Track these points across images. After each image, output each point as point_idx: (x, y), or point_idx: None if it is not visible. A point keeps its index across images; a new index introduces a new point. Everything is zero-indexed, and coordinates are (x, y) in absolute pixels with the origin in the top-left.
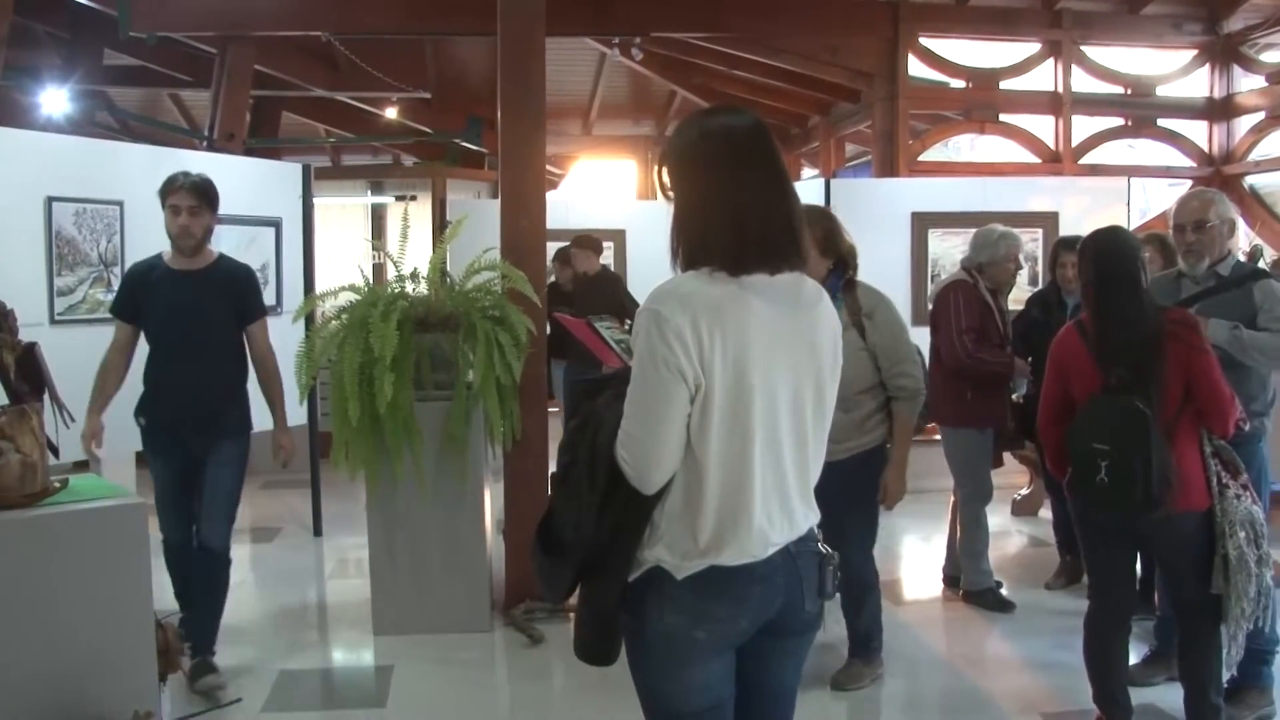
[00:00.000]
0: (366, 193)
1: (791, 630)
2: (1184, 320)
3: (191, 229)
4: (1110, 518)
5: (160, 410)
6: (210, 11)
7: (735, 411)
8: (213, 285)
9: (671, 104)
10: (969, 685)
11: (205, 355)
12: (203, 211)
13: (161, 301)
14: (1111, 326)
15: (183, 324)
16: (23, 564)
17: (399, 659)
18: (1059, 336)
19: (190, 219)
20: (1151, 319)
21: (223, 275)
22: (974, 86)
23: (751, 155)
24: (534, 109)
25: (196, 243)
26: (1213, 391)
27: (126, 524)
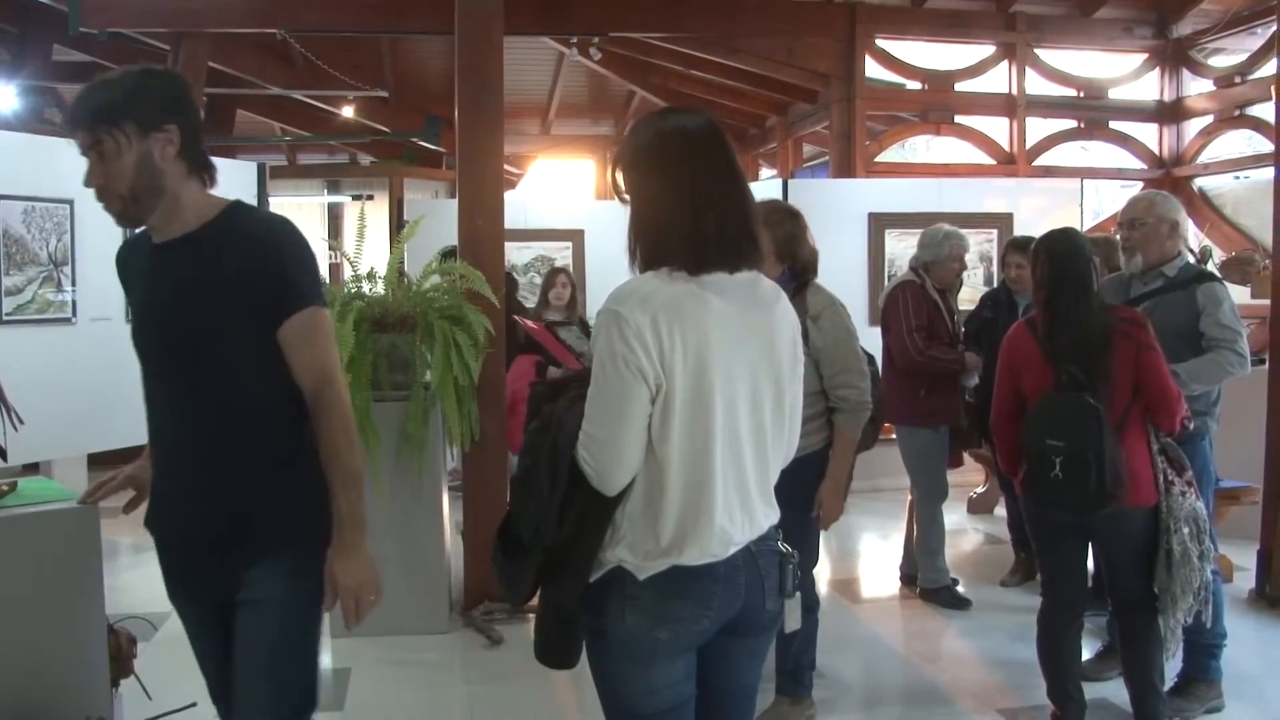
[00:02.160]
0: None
1: (752, 629)
2: (1133, 319)
3: (108, 184)
4: (1061, 514)
5: (153, 513)
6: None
7: (696, 411)
8: (206, 263)
9: (630, 104)
10: (926, 681)
11: (201, 398)
12: (109, 143)
13: (135, 301)
14: (1062, 325)
15: (157, 337)
16: None
17: (356, 661)
18: (1010, 334)
19: (98, 165)
20: (1101, 317)
21: (228, 241)
22: (930, 88)
23: (706, 155)
24: (492, 108)
25: (125, 202)
26: (1161, 388)
27: (78, 527)
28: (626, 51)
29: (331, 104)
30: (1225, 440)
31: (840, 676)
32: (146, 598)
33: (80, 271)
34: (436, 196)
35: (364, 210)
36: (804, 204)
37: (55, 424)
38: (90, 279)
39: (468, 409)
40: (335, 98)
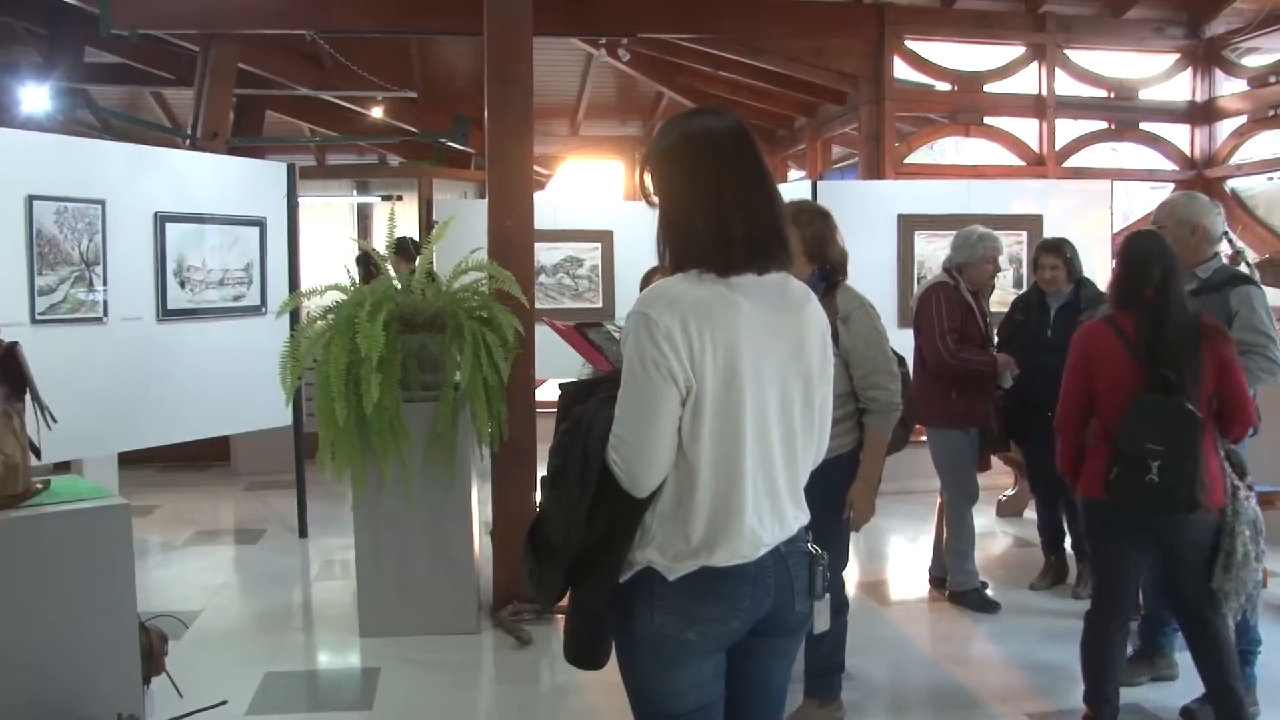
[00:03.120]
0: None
1: (781, 630)
2: (1216, 324)
3: None
4: (1135, 517)
5: None
6: (193, 8)
7: (726, 413)
8: None
9: (658, 105)
10: (955, 684)
11: None
12: None
13: None
14: (1168, 325)
15: None
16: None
17: (385, 661)
18: (1088, 332)
19: None
20: (1193, 321)
21: None
22: (959, 89)
23: (734, 157)
24: (521, 109)
25: None
26: (1241, 396)
27: (110, 525)
28: (655, 52)
29: (360, 105)
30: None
31: (869, 678)
32: (177, 596)
33: (111, 271)
34: (465, 197)
35: (394, 211)
36: (833, 205)
37: (86, 423)
38: (121, 279)
39: (497, 409)
40: (364, 98)
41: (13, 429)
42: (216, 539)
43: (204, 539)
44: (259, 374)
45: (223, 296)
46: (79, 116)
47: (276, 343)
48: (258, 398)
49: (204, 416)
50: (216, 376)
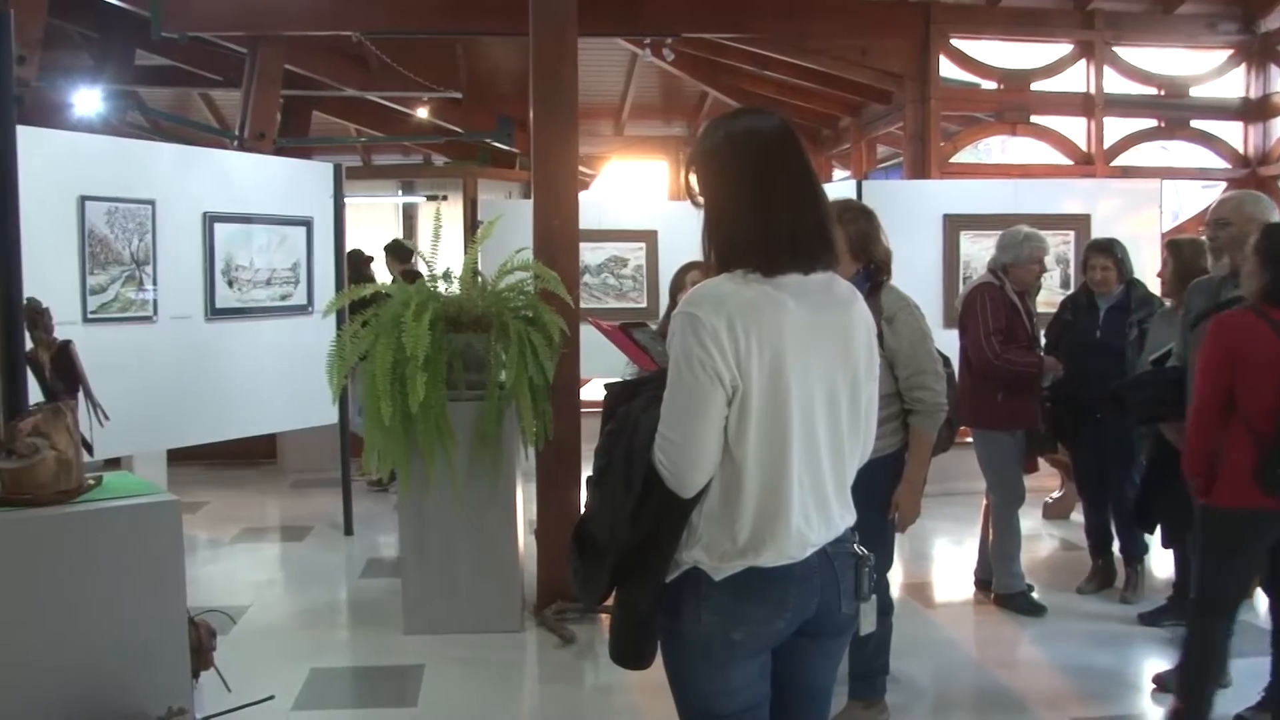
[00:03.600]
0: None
1: (827, 631)
2: None
3: None
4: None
5: None
6: (240, 11)
7: (772, 413)
8: None
9: (703, 105)
10: (1000, 688)
11: None
12: None
13: None
14: None
15: None
16: (58, 560)
17: (430, 659)
18: (1234, 324)
19: None
20: None
21: None
22: (1005, 88)
23: (778, 156)
24: (566, 109)
25: None
26: None
27: (160, 521)
28: (699, 52)
29: (406, 105)
30: None
31: (913, 681)
32: (224, 591)
33: (161, 271)
34: (510, 197)
35: (440, 210)
36: (878, 205)
37: (136, 420)
38: (170, 278)
39: (542, 409)
40: (409, 99)
41: (65, 425)
42: (263, 536)
43: (251, 536)
44: (305, 373)
45: (270, 296)
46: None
47: (323, 342)
48: (304, 396)
49: (251, 414)
50: (264, 375)
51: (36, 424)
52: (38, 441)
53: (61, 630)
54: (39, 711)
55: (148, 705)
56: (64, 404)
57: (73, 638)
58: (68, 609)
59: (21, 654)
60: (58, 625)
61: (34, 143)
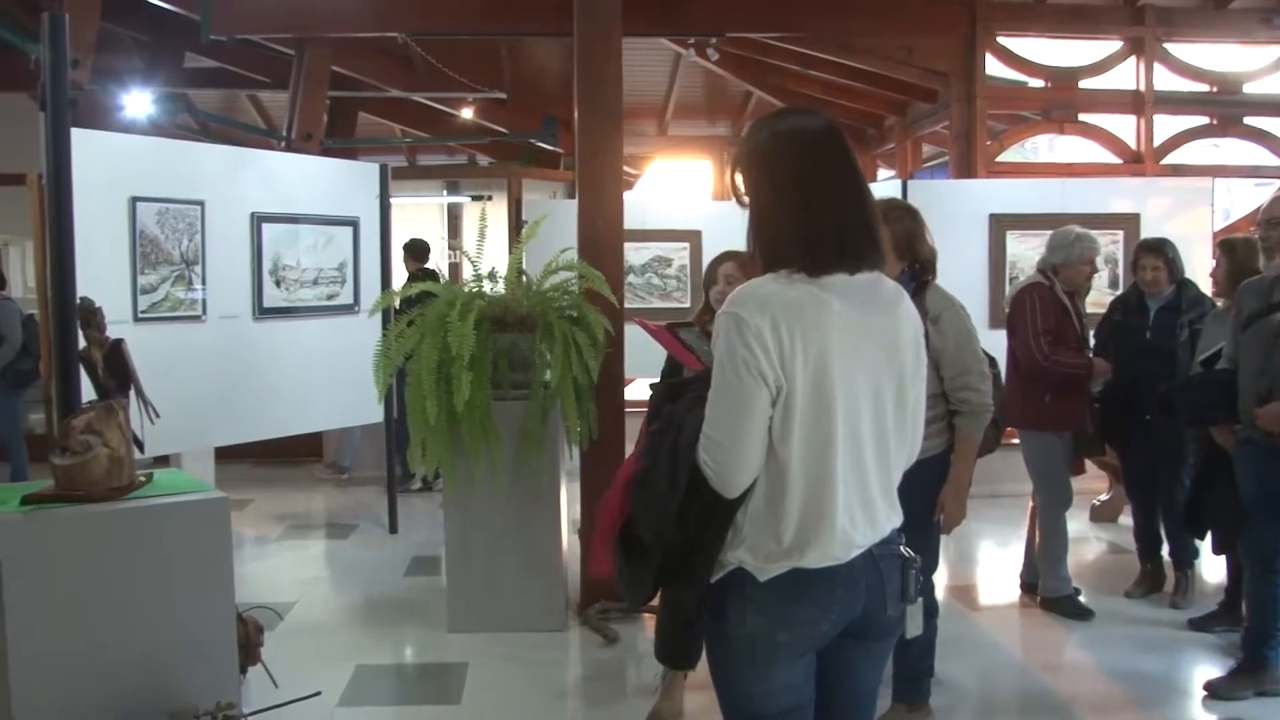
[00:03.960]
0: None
1: (873, 633)
2: None
3: None
4: None
5: None
6: (288, 13)
7: (817, 413)
8: None
9: (747, 104)
10: (1046, 692)
11: None
12: None
13: None
14: None
15: None
16: (110, 555)
17: (473, 656)
18: None
19: None
20: None
21: None
22: (1053, 86)
23: (823, 156)
24: (611, 109)
25: None
26: None
27: (210, 518)
28: (744, 52)
29: (451, 106)
30: None
31: (958, 684)
32: (271, 588)
33: (210, 270)
34: (554, 197)
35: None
36: (924, 205)
37: (186, 418)
38: (219, 278)
39: (586, 408)
40: (454, 100)
41: (118, 423)
42: (309, 533)
43: (297, 533)
44: (352, 371)
45: (317, 295)
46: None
47: (369, 341)
48: (351, 395)
49: (298, 412)
50: (310, 374)
51: (89, 421)
52: (91, 439)
53: (113, 624)
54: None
55: (197, 699)
56: (116, 402)
57: (124, 632)
58: (119, 603)
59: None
60: (109, 619)
61: (87, 145)
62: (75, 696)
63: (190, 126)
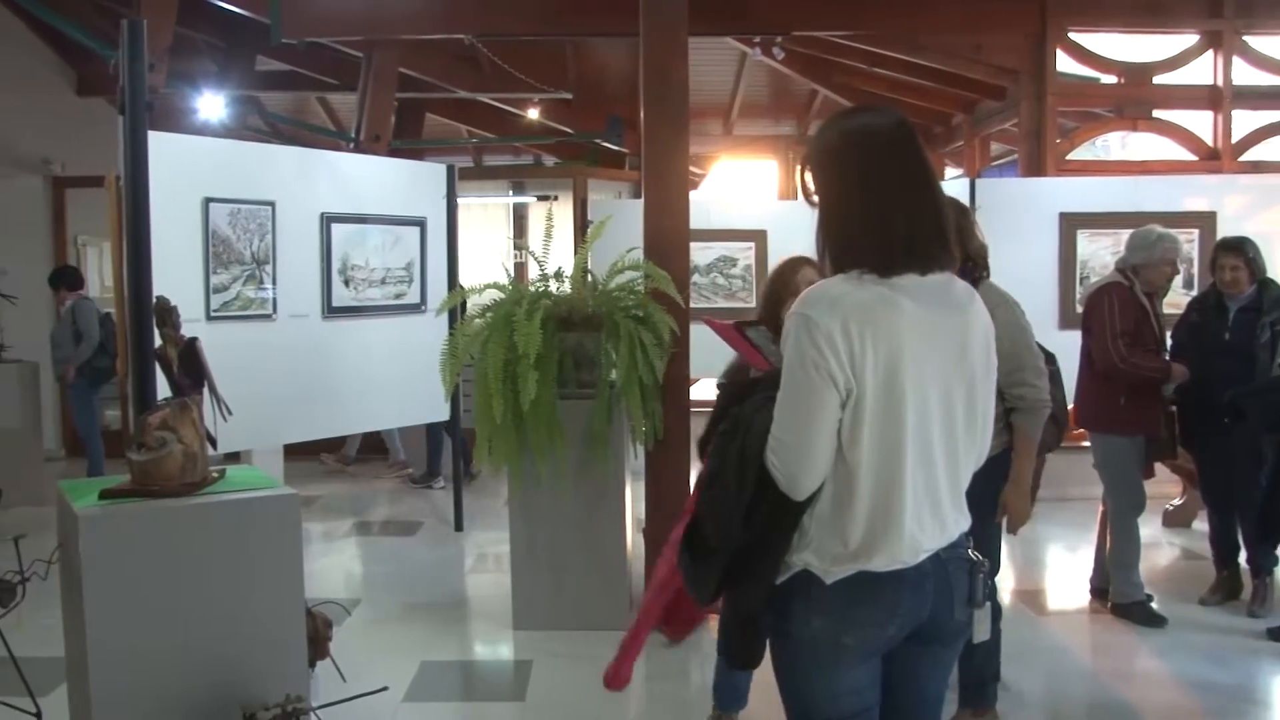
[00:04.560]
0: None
1: (940, 638)
2: None
3: None
4: None
5: None
6: (357, 16)
7: (887, 416)
8: None
9: (813, 103)
10: (1116, 700)
11: None
12: None
13: None
14: None
15: None
16: (184, 549)
17: (538, 654)
18: None
19: None
20: None
21: None
22: (1126, 82)
23: (894, 155)
24: (677, 109)
25: None
26: None
27: (281, 513)
28: (809, 50)
29: (516, 106)
30: None
31: (1025, 689)
32: (338, 584)
33: (280, 270)
34: (619, 196)
35: (551, 210)
36: (992, 204)
37: (256, 415)
38: (289, 277)
39: (652, 408)
40: (520, 100)
41: (192, 420)
42: (375, 530)
43: (363, 530)
44: (419, 370)
45: (384, 295)
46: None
47: (436, 340)
48: (418, 393)
49: (366, 411)
50: (378, 372)
51: (165, 418)
52: (166, 435)
53: (186, 616)
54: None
55: (266, 692)
56: (190, 399)
57: (197, 624)
58: (192, 596)
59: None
60: (183, 612)
61: (163, 147)
62: (150, 686)
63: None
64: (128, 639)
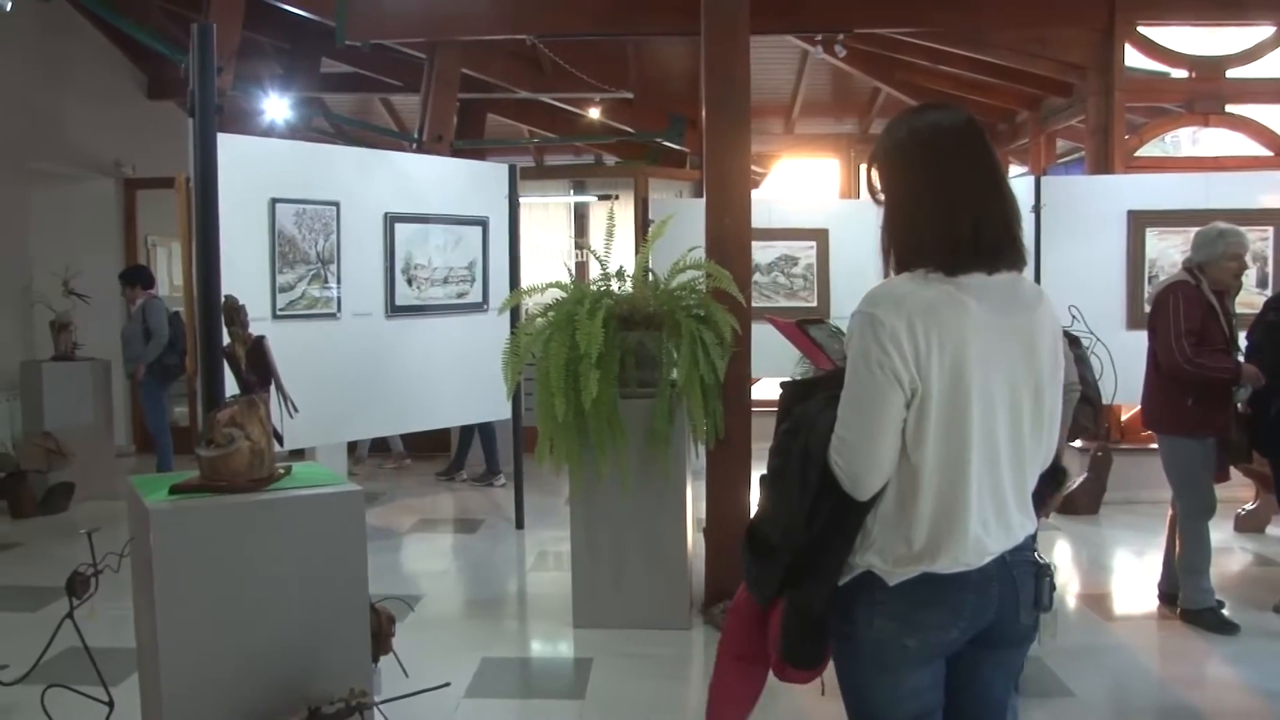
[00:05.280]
0: (569, 192)
1: (1005, 642)
2: None
3: None
4: None
5: None
6: (420, 18)
7: (952, 416)
8: None
9: (875, 101)
10: (1186, 707)
11: None
12: None
13: None
14: None
15: None
16: (251, 544)
17: (598, 652)
18: None
19: None
20: None
21: None
22: (1197, 76)
23: (961, 153)
24: (738, 107)
25: None
26: None
27: (346, 510)
28: (871, 48)
29: (577, 106)
30: None
31: (1091, 696)
32: (400, 580)
33: (344, 269)
34: (680, 196)
35: (613, 209)
36: (1058, 202)
37: (321, 413)
38: (353, 276)
39: (713, 407)
40: (581, 100)
41: (259, 417)
42: (437, 527)
43: (425, 527)
44: (481, 369)
45: (447, 294)
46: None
47: (498, 339)
48: (479, 392)
49: (428, 409)
50: (440, 371)
51: (233, 415)
52: (234, 432)
53: (253, 610)
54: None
55: (331, 686)
56: (258, 396)
57: (263, 618)
58: (259, 590)
59: (217, 631)
60: (250, 605)
61: (230, 149)
62: (218, 676)
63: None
64: (196, 630)
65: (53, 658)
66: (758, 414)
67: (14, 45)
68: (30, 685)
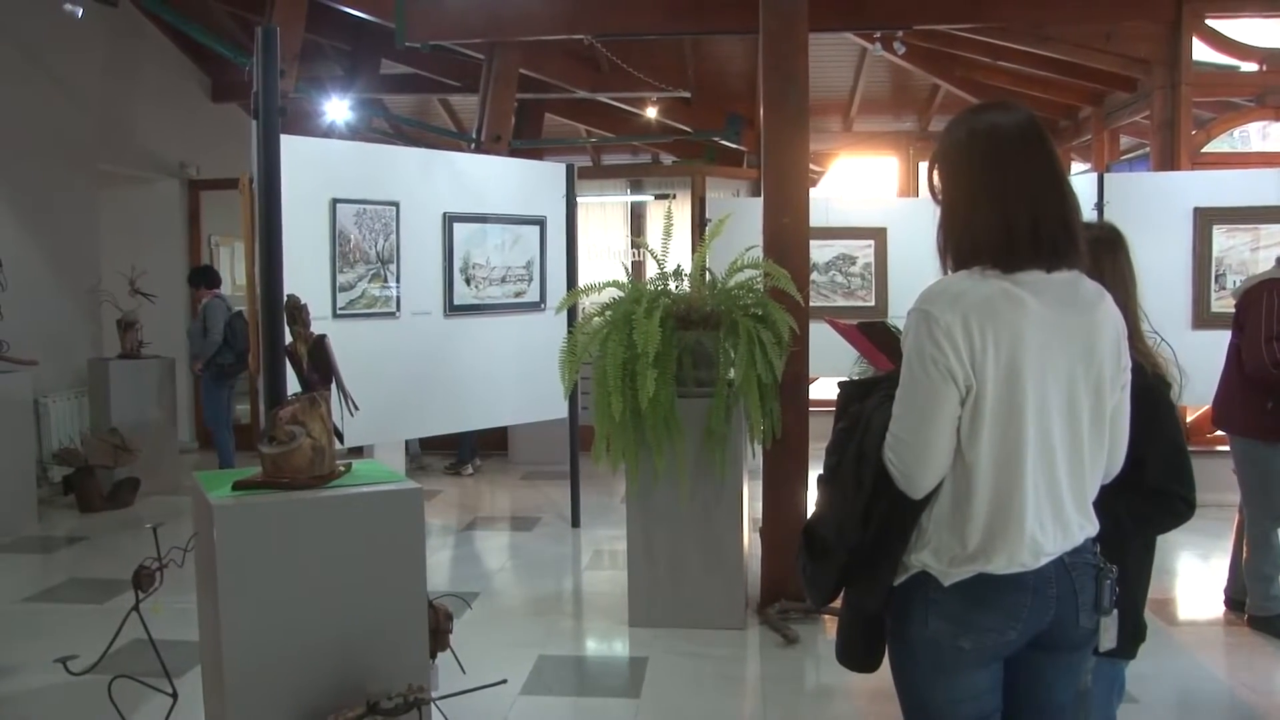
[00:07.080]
0: (626, 191)
1: (1064, 645)
2: None
3: None
4: None
5: None
6: (479, 19)
7: (1007, 415)
8: None
9: (934, 99)
10: (1251, 715)
11: None
12: None
13: None
14: None
15: None
16: (312, 540)
17: (653, 651)
18: None
19: None
20: None
21: None
22: (1268, 69)
23: (1021, 152)
24: (796, 106)
25: None
26: None
27: (406, 507)
28: (930, 44)
29: (635, 105)
30: None
31: (1155, 702)
32: (457, 577)
33: (403, 268)
34: (737, 195)
35: (670, 209)
36: (1122, 200)
37: (380, 411)
38: (412, 276)
39: (770, 406)
40: (639, 99)
41: (320, 415)
42: (494, 525)
43: (482, 524)
44: (538, 368)
45: (505, 293)
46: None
47: (555, 338)
48: (536, 391)
49: (486, 408)
50: (498, 370)
51: (295, 413)
52: (295, 429)
53: (314, 606)
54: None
55: (389, 682)
56: (319, 394)
57: (324, 613)
58: (318, 585)
59: (279, 626)
60: (309, 600)
61: (293, 150)
62: (279, 670)
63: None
64: (258, 624)
65: (119, 649)
66: (815, 413)
67: (83, 50)
68: (98, 675)
